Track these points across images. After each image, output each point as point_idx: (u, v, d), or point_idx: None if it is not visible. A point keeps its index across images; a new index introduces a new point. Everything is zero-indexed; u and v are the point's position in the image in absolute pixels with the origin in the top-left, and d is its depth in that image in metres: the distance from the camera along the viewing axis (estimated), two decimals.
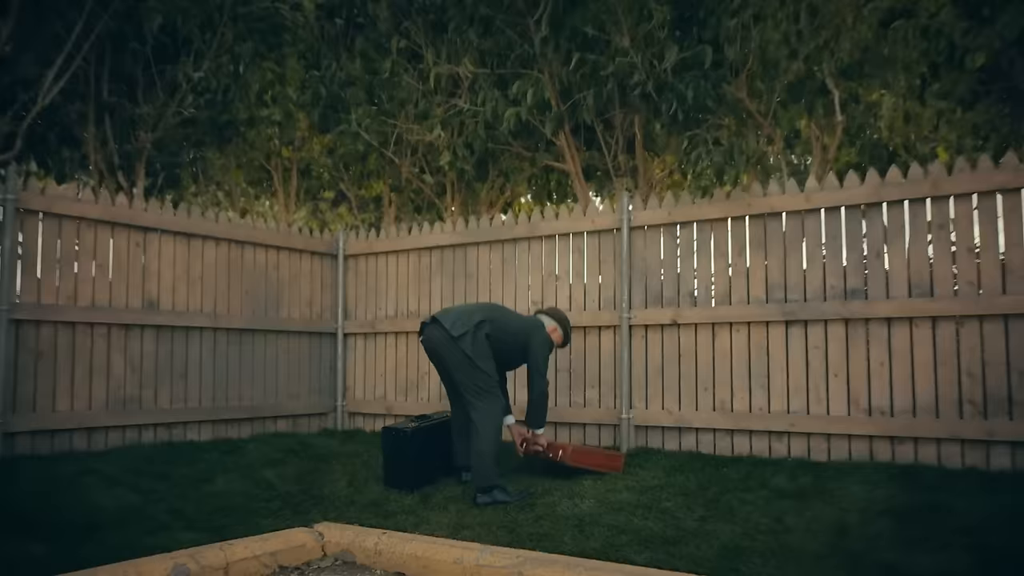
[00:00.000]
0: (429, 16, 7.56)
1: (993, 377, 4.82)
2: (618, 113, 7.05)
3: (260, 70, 8.02)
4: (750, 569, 3.54)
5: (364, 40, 8.51)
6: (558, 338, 5.56)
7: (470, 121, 7.48)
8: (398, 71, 7.87)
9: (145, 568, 3.67)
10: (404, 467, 5.42)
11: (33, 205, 5.54)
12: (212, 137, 8.55)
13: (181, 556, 3.86)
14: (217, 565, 3.92)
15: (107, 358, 5.99)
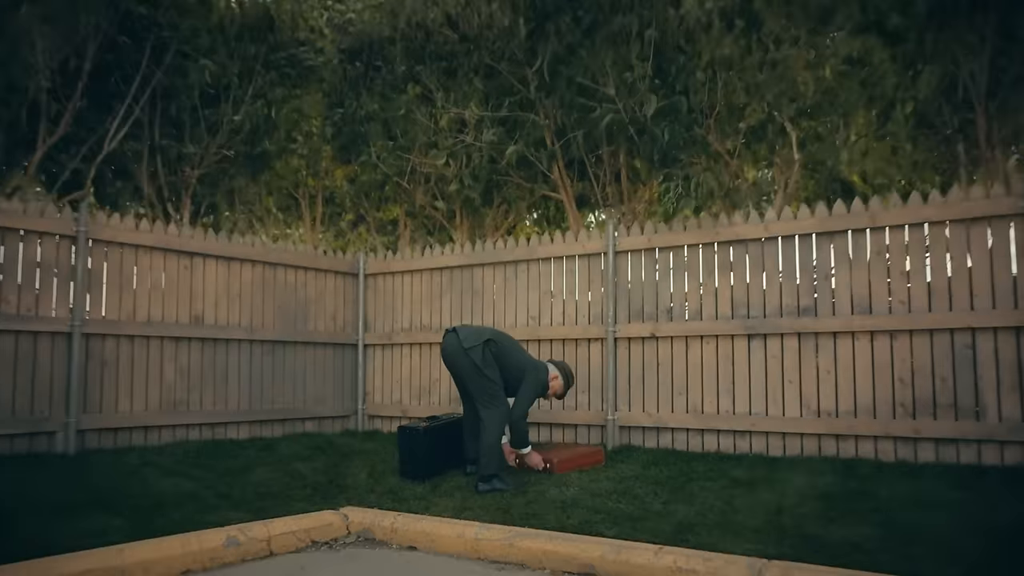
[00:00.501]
0: (441, 63, 8.33)
1: (920, 383, 5.49)
2: (605, 151, 7.78)
3: (288, 109, 8.79)
4: (697, 539, 4.23)
5: (381, 81, 9.27)
6: (557, 386, 6.12)
7: (476, 154, 8.22)
8: (412, 110, 8.63)
9: (205, 538, 4.40)
10: (417, 461, 6.12)
11: (101, 236, 6.31)
12: (246, 169, 9.33)
13: (232, 530, 4.58)
14: (261, 538, 4.64)
15: (160, 366, 6.75)
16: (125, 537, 4.23)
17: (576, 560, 4.22)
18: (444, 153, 8.26)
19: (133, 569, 3.98)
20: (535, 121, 7.50)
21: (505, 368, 5.88)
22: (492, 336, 5.89)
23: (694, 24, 6.48)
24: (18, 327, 5.80)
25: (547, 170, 7.89)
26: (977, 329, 5.30)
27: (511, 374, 5.89)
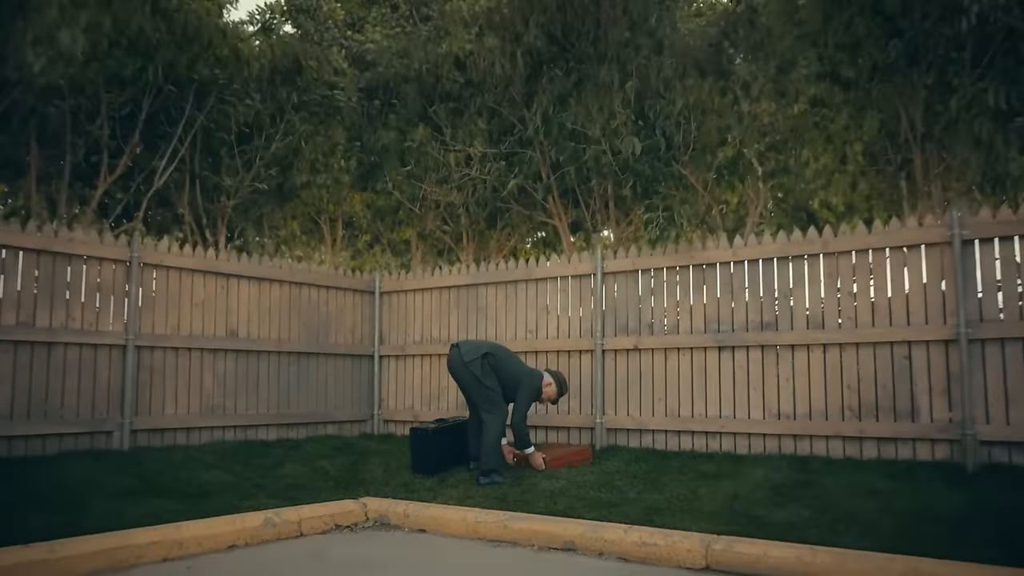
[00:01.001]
0: (449, 104, 9.04)
1: (865, 389, 6.13)
2: (595, 183, 8.48)
3: (313, 144, 9.53)
4: (662, 520, 4.89)
5: (396, 116, 9.99)
6: (551, 392, 6.78)
7: (480, 185, 8.92)
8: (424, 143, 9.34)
9: (247, 519, 5.09)
10: (426, 458, 6.80)
11: (150, 260, 7.04)
12: (275, 197, 10.07)
13: (268, 513, 5.27)
14: (293, 520, 5.31)
15: (200, 374, 7.45)
16: (179, 517, 4.93)
17: (560, 538, 4.88)
18: (452, 187, 8.98)
19: (189, 542, 4.67)
20: (532, 157, 8.21)
21: (503, 377, 6.55)
22: (490, 349, 6.57)
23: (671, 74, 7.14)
24: (82, 340, 6.51)
25: (544, 200, 8.60)
26: (913, 342, 5.94)
27: (508, 382, 6.56)
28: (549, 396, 6.72)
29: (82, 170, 8.38)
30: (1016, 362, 5.48)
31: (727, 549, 4.31)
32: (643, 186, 7.55)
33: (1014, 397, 5.47)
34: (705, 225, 7.97)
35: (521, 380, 6.52)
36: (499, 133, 8.80)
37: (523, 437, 6.53)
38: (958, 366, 5.68)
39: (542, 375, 6.70)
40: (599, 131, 7.52)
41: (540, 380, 6.64)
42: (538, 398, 6.64)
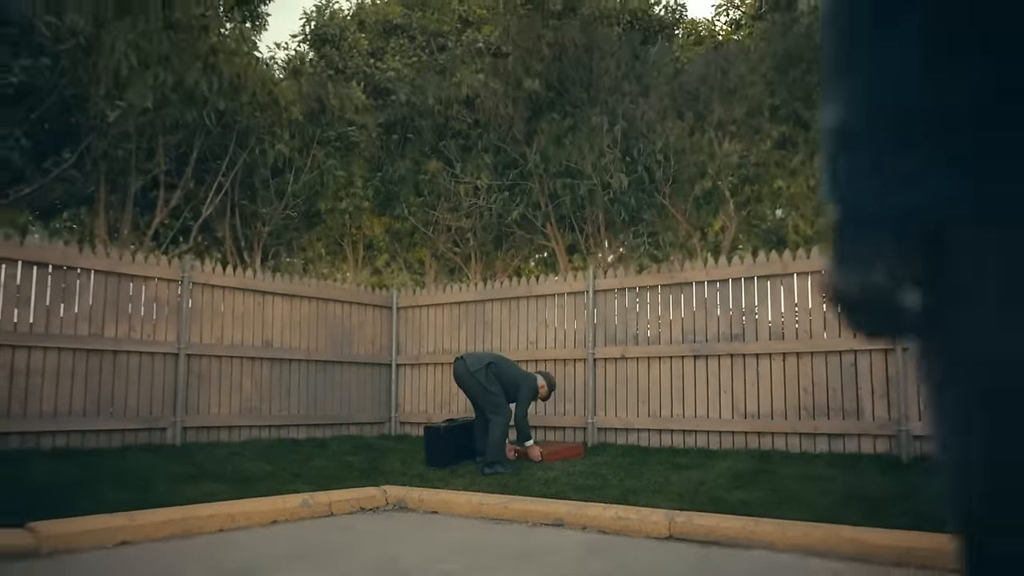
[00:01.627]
0: (459, 140, 9.86)
1: (818, 392, 6.86)
2: (588, 212, 9.27)
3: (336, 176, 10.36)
4: (636, 500, 5.61)
5: (412, 149, 10.82)
6: (544, 393, 7.55)
7: (487, 213, 9.73)
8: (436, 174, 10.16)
9: (287, 500, 5.85)
10: (438, 452, 7.54)
11: (198, 280, 7.85)
12: (304, 223, 10.90)
13: (304, 496, 6.02)
14: (324, 503, 6.06)
15: (240, 380, 8.23)
16: (230, 498, 5.70)
17: (551, 515, 5.61)
18: (462, 214, 9.80)
19: (240, 517, 5.43)
20: (533, 188, 9.01)
21: (504, 382, 7.31)
22: (492, 359, 7.34)
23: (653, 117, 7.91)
24: (142, 349, 7.31)
25: (543, 226, 9.40)
26: (858, 351, 6.67)
27: (509, 386, 7.32)
28: (543, 394, 7.47)
29: (141, 201, 9.25)
30: None
31: (687, 522, 5.04)
32: (629, 215, 8.33)
33: None
34: (685, 249, 8.72)
35: (520, 383, 7.27)
36: (503, 167, 9.61)
37: (525, 431, 7.27)
38: (895, 371, 6.41)
39: (536, 377, 7.45)
40: (591, 167, 8.32)
41: (535, 382, 7.40)
42: (536, 397, 7.40)
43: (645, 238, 8.14)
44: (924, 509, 4.78)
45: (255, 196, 10.17)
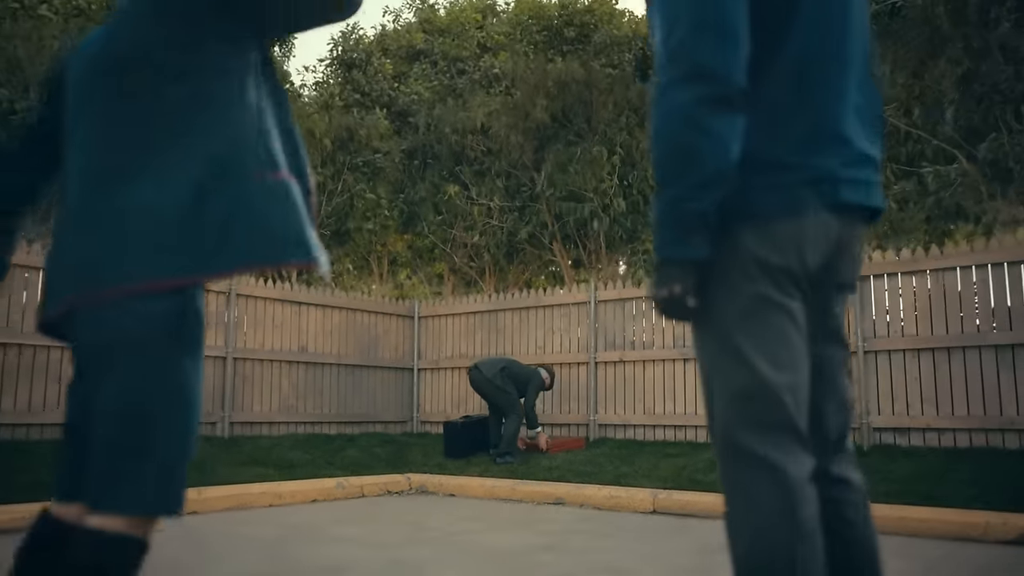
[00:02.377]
0: (473, 167, 10.64)
1: None
2: (590, 230, 10.02)
3: (366, 199, 11.17)
4: (627, 482, 6.32)
5: (431, 173, 11.62)
6: (548, 381, 8.39)
7: (499, 231, 10.49)
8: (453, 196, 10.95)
9: (324, 482, 6.60)
10: (456, 445, 8.28)
11: (243, 291, 8.64)
12: (335, 240, 11.71)
13: (339, 480, 6.78)
14: (357, 485, 6.82)
15: (279, 381, 9.01)
16: (277, 480, 6.47)
17: (552, 495, 6.33)
18: (477, 232, 10.57)
19: (286, 495, 6.18)
20: (540, 210, 9.76)
21: (517, 381, 8.07)
22: (504, 364, 8.09)
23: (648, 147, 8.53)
24: None
25: (550, 244, 10.14)
26: None
27: (521, 384, 8.09)
28: (547, 385, 8.29)
29: None
30: (898, 368, 6.88)
31: (668, 498, 5.75)
32: (627, 234, 9.06)
33: (897, 395, 6.87)
34: None
35: (530, 379, 8.05)
36: (514, 190, 10.37)
37: (533, 419, 8.03)
38: (857, 371, 7.09)
39: (540, 371, 8.24)
40: (592, 191, 9.07)
41: (541, 375, 8.18)
42: (542, 388, 8.21)
43: (641, 255, 8.84)
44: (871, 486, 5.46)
45: None
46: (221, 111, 1.45)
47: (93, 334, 1.40)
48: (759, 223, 1.40)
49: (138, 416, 1.36)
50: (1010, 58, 6.70)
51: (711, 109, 1.31)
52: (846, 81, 1.46)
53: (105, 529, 1.34)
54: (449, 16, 15.85)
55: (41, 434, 6.84)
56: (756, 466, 1.38)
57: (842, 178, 1.43)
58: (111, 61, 1.47)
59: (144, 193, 1.39)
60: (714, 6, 1.31)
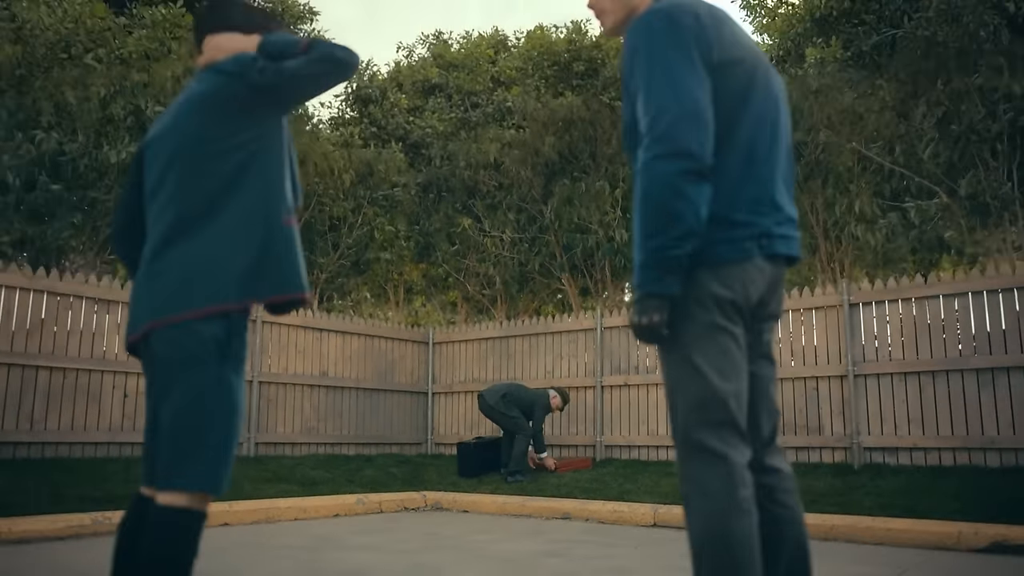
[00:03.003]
0: (485, 200, 11.07)
1: (787, 412, 7.80)
2: (596, 260, 10.37)
3: (383, 230, 11.59)
4: (630, 498, 6.62)
5: (446, 205, 12.04)
6: (557, 403, 8.61)
7: (510, 261, 10.87)
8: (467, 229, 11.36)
9: (345, 498, 6.93)
10: (469, 464, 8.59)
11: (267, 319, 9.04)
12: (354, 270, 12.12)
13: (359, 496, 7.11)
14: (375, 502, 7.14)
15: (301, 404, 9.37)
16: (301, 496, 6.81)
17: (559, 510, 6.63)
18: (489, 263, 10.96)
19: (310, 509, 6.52)
20: (549, 241, 10.15)
21: (521, 405, 8.39)
22: (505, 390, 8.41)
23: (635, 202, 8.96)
24: None
25: (558, 273, 10.52)
26: (819, 377, 7.65)
27: (526, 407, 8.40)
28: (556, 406, 8.52)
29: None
30: (887, 391, 7.18)
31: (667, 512, 6.04)
32: (630, 264, 9.40)
33: (886, 416, 7.16)
34: None
35: (535, 402, 8.36)
36: (524, 222, 10.78)
37: (540, 442, 8.32)
38: (848, 394, 7.38)
39: (548, 393, 8.53)
40: (597, 224, 9.46)
41: (548, 398, 8.46)
42: (550, 411, 8.47)
43: None
44: (850, 499, 5.77)
45: (314, 248, 11.44)
46: (264, 171, 1.89)
47: (161, 351, 1.80)
48: (714, 266, 1.77)
49: (194, 415, 1.76)
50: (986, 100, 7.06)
51: (689, 180, 1.68)
52: (778, 158, 1.84)
53: (172, 504, 1.74)
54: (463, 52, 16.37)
55: (82, 452, 7.22)
56: (708, 456, 1.73)
57: (776, 234, 1.80)
58: (179, 143, 1.88)
59: (202, 246, 1.83)
60: (693, 102, 1.69)
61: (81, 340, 7.39)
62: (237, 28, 2.01)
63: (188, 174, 1.86)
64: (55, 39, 8.38)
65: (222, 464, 1.78)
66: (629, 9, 2.01)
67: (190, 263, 1.82)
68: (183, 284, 1.81)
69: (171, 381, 1.79)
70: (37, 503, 5.45)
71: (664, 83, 1.71)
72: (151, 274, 1.86)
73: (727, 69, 1.77)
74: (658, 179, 1.68)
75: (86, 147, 7.81)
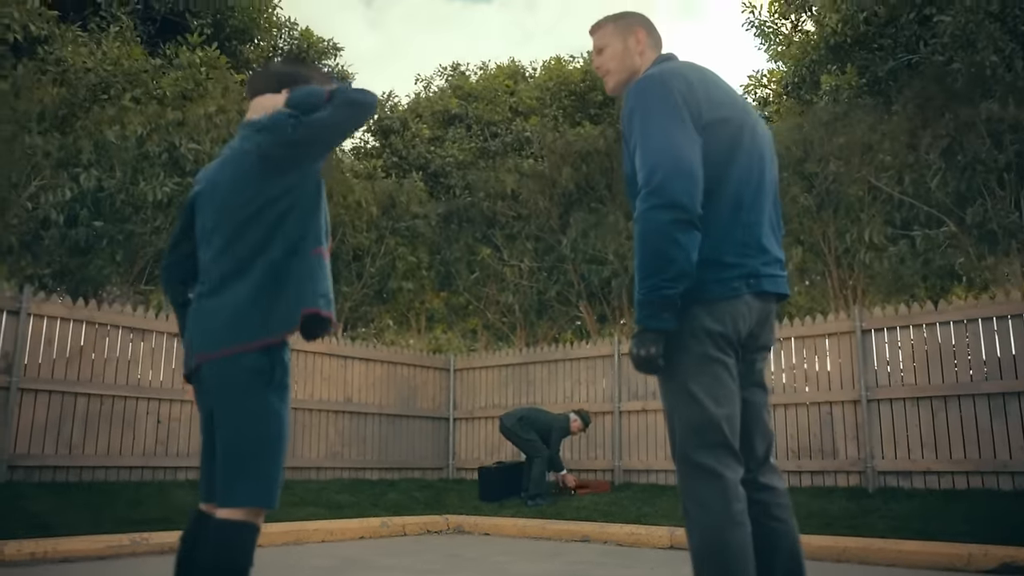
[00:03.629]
0: (504, 230, 11.33)
1: (802, 436, 7.91)
2: (612, 289, 10.57)
3: (405, 260, 11.87)
4: (647, 521, 6.74)
5: (466, 235, 12.31)
6: (578, 426, 8.78)
7: (529, 290, 11.09)
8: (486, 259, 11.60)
9: (370, 521, 7.11)
10: (490, 488, 8.74)
11: (295, 346, 9.29)
12: (377, 299, 12.39)
13: (383, 519, 7.28)
14: (399, 525, 7.31)
15: (326, 429, 9.58)
16: (327, 518, 7.00)
17: (578, 533, 6.77)
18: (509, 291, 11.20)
19: (336, 532, 6.70)
20: (567, 270, 10.37)
21: (538, 428, 8.56)
22: (522, 414, 8.58)
23: None
24: None
25: (576, 301, 10.72)
26: (833, 402, 7.76)
27: (543, 430, 8.56)
28: (577, 428, 8.67)
29: None
30: (899, 416, 7.27)
31: (684, 535, 6.17)
32: None
33: (899, 440, 7.24)
34: None
35: (552, 425, 8.53)
36: (542, 252, 11.02)
37: (557, 462, 8.48)
38: (862, 419, 7.48)
39: (568, 416, 8.68)
40: (612, 254, 9.67)
41: (567, 421, 8.61)
42: (567, 435, 8.63)
43: None
44: (864, 523, 5.87)
45: (339, 278, 11.73)
46: (303, 215, 2.11)
47: (214, 382, 2.02)
48: (707, 304, 1.97)
49: (246, 440, 1.98)
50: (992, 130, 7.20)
51: (680, 229, 1.89)
52: (763, 205, 2.04)
53: (230, 519, 1.95)
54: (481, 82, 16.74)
55: (118, 476, 7.47)
56: (705, 474, 1.92)
57: (763, 274, 2.00)
58: (226, 197, 2.11)
59: (248, 287, 2.05)
60: (684, 160, 1.91)
61: (117, 368, 7.67)
62: (274, 89, 2.25)
63: (237, 224, 2.07)
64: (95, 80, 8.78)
65: (272, 482, 1.99)
66: (631, 72, 2.24)
67: (238, 303, 2.03)
68: (232, 322, 2.02)
69: (224, 409, 2.01)
70: (78, 524, 5.69)
71: (658, 142, 1.93)
72: (206, 311, 2.08)
73: (715, 128, 1.99)
74: (653, 227, 1.89)
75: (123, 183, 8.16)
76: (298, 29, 13.14)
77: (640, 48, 2.23)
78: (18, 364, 6.95)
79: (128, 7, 10.21)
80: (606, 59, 2.26)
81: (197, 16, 10.66)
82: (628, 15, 2.28)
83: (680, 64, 2.09)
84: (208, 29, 10.50)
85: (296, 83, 2.27)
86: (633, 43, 2.24)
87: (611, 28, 2.27)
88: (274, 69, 2.29)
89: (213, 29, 10.73)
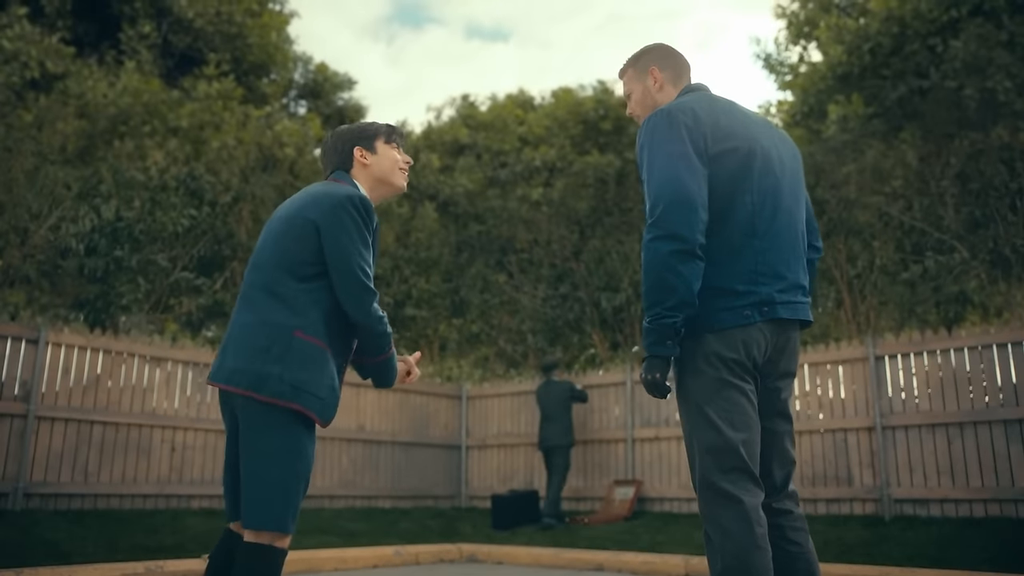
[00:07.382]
0: (520, 255, 11.42)
1: (816, 464, 7.85)
2: (625, 316, 10.60)
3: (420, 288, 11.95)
4: (662, 549, 6.69)
5: (479, 263, 12.40)
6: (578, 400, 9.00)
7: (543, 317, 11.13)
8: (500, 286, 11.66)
9: (383, 550, 7.09)
10: (503, 516, 8.70)
11: None
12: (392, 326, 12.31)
13: (396, 548, 7.26)
14: (412, 553, 7.29)
15: (339, 457, 9.58)
16: (340, 546, 6.99)
17: (592, 562, 6.72)
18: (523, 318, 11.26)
19: (349, 560, 6.68)
20: (581, 297, 10.43)
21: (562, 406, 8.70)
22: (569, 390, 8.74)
23: None
24: None
25: (589, 329, 10.77)
26: (847, 429, 7.71)
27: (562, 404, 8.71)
28: None
29: None
30: (915, 442, 7.21)
31: (699, 563, 6.11)
32: None
33: (915, 467, 7.18)
34: None
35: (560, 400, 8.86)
36: (556, 279, 11.10)
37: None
38: (877, 446, 7.42)
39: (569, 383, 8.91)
40: (626, 281, 9.72)
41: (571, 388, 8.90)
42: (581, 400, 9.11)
43: None
44: (880, 551, 5.82)
45: None
46: (316, 298, 2.13)
47: (245, 415, 2.09)
48: (718, 331, 2.00)
49: (271, 470, 2.05)
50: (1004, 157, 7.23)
51: (680, 259, 1.93)
52: (779, 230, 2.07)
53: (256, 541, 2.01)
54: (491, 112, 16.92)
55: (132, 503, 7.50)
56: (724, 499, 1.94)
57: (779, 301, 2.03)
58: (275, 247, 2.17)
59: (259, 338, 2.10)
60: (685, 192, 1.95)
61: (132, 396, 7.73)
62: (338, 167, 2.34)
63: (277, 270, 2.14)
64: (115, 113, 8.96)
65: (293, 507, 2.05)
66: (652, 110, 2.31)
67: (262, 342, 2.12)
68: (253, 361, 2.10)
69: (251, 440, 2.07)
70: (94, 552, 5.71)
71: (661, 174, 1.99)
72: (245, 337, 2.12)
73: (722, 158, 2.04)
74: (655, 258, 1.94)
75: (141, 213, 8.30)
76: (313, 64, 13.38)
77: (658, 85, 2.31)
78: (35, 392, 7.02)
79: (148, 41, 10.44)
80: (634, 104, 2.37)
81: (214, 50, 10.89)
82: (643, 54, 2.35)
83: (693, 97, 2.15)
84: (227, 65, 10.72)
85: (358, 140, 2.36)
86: (651, 83, 2.32)
87: (631, 73, 2.36)
88: (328, 149, 2.41)
89: (232, 64, 10.94)
